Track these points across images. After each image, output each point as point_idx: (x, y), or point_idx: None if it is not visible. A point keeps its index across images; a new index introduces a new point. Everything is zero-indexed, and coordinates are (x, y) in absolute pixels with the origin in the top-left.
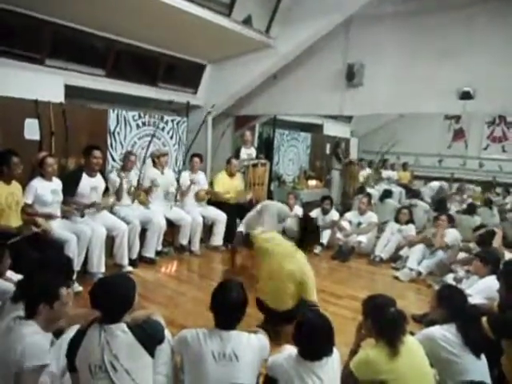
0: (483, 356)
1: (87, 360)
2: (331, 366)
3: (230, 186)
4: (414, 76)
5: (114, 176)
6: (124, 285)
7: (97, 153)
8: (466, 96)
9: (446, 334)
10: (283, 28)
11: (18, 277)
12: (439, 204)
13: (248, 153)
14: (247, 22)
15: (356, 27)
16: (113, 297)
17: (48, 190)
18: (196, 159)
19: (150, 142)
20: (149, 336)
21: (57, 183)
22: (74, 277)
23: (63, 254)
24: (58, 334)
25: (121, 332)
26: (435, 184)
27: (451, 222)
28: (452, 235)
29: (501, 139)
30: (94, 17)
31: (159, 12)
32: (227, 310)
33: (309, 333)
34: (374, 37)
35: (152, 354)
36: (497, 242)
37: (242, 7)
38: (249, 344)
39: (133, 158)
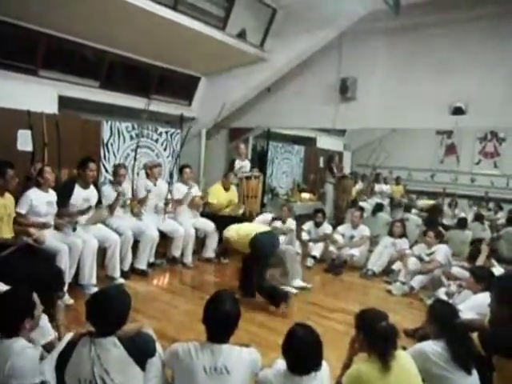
0: (475, 372)
1: (77, 374)
2: (320, 381)
3: (224, 199)
4: (406, 91)
5: (108, 189)
6: (121, 299)
7: (92, 165)
8: (457, 111)
9: (437, 349)
10: (277, 42)
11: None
12: (429, 219)
13: (242, 165)
14: (241, 35)
15: (349, 42)
16: (109, 310)
17: (43, 201)
18: (187, 170)
19: (135, 152)
20: (140, 349)
21: (52, 195)
22: (65, 289)
23: (55, 266)
24: (49, 348)
25: (112, 346)
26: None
27: (440, 237)
28: (442, 251)
29: (492, 155)
30: (88, 28)
31: (154, 24)
32: (220, 322)
33: (297, 347)
34: (367, 52)
35: (143, 367)
36: (481, 260)
37: (236, 21)
38: (240, 358)
39: (122, 171)
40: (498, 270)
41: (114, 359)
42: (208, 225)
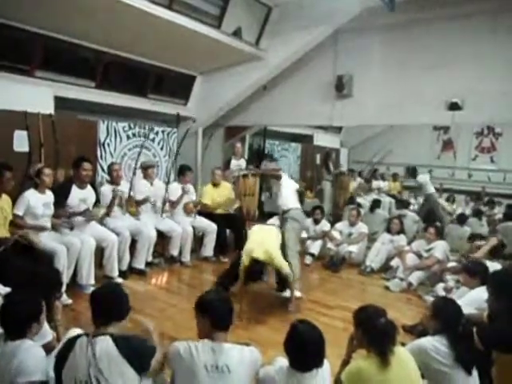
0: (475, 372)
1: (73, 374)
2: (321, 378)
3: (216, 195)
4: (402, 87)
5: (105, 190)
6: (119, 291)
7: (86, 165)
8: (454, 107)
9: (437, 345)
10: (273, 40)
11: (6, 289)
12: (428, 215)
13: (238, 164)
14: (237, 33)
15: (345, 39)
16: (114, 300)
17: (40, 202)
18: (188, 173)
19: (139, 153)
20: (134, 351)
21: (49, 196)
22: (63, 289)
23: (52, 267)
24: (47, 349)
25: (107, 345)
26: None
27: (439, 234)
28: (441, 247)
29: (489, 150)
30: (83, 29)
31: (149, 24)
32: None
33: (299, 344)
34: (362, 48)
35: (137, 370)
36: (483, 250)
37: (231, 19)
38: (241, 356)
39: (116, 167)
40: (493, 265)
41: (108, 359)
42: (206, 223)
